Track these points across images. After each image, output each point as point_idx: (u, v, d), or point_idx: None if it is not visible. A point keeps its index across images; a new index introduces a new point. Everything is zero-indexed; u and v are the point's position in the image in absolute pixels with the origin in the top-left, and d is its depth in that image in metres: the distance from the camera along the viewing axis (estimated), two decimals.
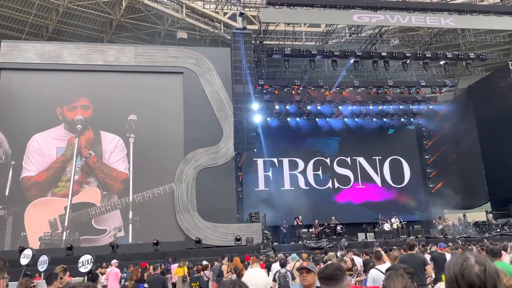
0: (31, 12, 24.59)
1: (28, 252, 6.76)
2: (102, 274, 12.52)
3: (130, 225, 21.19)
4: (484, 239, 17.70)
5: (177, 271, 12.40)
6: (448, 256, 8.83)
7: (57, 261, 10.79)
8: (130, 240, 20.89)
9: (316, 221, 22.79)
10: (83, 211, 20.88)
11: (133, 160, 22.04)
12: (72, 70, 22.17)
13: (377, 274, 6.20)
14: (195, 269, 11.75)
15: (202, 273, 11.67)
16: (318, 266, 8.65)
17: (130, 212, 21.30)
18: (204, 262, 13.54)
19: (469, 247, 13.65)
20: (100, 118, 22.17)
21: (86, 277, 6.45)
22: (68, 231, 20.40)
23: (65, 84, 22.04)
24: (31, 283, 8.22)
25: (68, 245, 18.24)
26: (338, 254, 13.36)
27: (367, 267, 8.98)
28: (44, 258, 7.37)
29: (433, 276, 8.57)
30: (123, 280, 11.48)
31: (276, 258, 10.27)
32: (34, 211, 20.41)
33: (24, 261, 6.69)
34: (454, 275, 1.57)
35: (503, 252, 9.62)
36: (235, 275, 9.73)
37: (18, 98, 21.41)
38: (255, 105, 23.62)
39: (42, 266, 7.31)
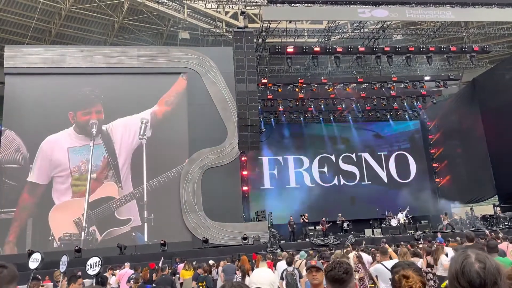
0: (34, 16, 24.70)
1: (37, 256, 6.81)
2: (113, 275, 12.56)
3: (146, 224, 21.42)
4: (492, 233, 17.59)
5: (184, 273, 12.40)
6: (448, 251, 8.78)
7: None
8: (146, 239, 21.16)
9: (323, 218, 22.75)
10: (105, 206, 21.35)
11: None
12: (76, 73, 22.29)
13: (381, 270, 6.18)
14: (201, 269, 11.75)
15: (213, 272, 11.71)
16: (325, 263, 8.65)
17: (145, 212, 21.53)
18: (211, 262, 13.58)
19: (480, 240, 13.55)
20: (110, 121, 22.51)
21: (95, 280, 6.49)
22: (86, 231, 20.77)
23: (69, 88, 22.17)
24: (40, 286, 8.29)
25: (76, 247, 18.33)
26: (344, 250, 13.33)
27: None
28: (64, 259, 7.49)
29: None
30: (132, 281, 11.51)
31: (281, 256, 10.27)
32: (57, 213, 20.84)
33: (33, 265, 6.74)
34: (455, 272, 1.57)
35: (505, 243, 9.57)
36: (240, 274, 9.77)
37: (24, 104, 21.55)
38: (259, 104, 23.60)
39: (62, 267, 7.44)
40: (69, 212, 20.92)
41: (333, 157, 28.14)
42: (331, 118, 28.05)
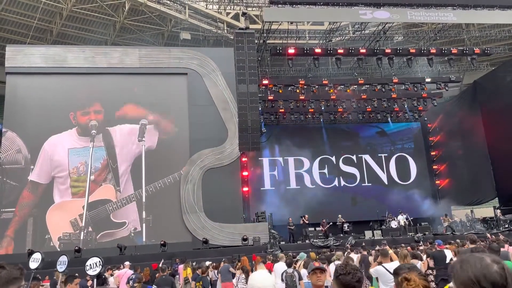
0: (35, 16, 24.73)
1: (37, 256, 6.80)
2: (111, 275, 12.53)
3: (144, 225, 21.40)
4: (492, 235, 17.57)
5: (183, 272, 12.45)
6: (447, 253, 8.76)
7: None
8: (144, 239, 21.13)
9: (324, 220, 22.72)
10: (101, 208, 21.35)
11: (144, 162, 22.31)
12: (77, 73, 22.29)
13: (382, 272, 6.15)
14: (199, 271, 11.78)
15: (211, 273, 11.71)
16: (325, 264, 8.65)
17: (144, 212, 21.52)
18: (207, 263, 13.59)
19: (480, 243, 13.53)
20: (111, 123, 22.44)
21: (96, 280, 6.48)
22: (85, 231, 20.76)
23: (71, 88, 22.17)
24: (40, 286, 8.29)
25: (76, 248, 18.32)
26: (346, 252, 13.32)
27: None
28: (63, 259, 7.39)
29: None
30: (131, 282, 11.50)
31: (279, 258, 10.27)
32: (55, 213, 20.83)
33: (33, 265, 6.73)
34: (475, 277, 1.54)
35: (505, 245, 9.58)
36: (243, 275, 9.77)
37: (25, 103, 21.54)
38: (259, 105, 23.60)
39: (61, 267, 7.32)
40: (65, 213, 20.89)
41: (333, 159, 28.13)
42: (332, 119, 28.05)
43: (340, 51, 22.88)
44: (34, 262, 6.71)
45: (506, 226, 21.42)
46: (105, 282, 6.54)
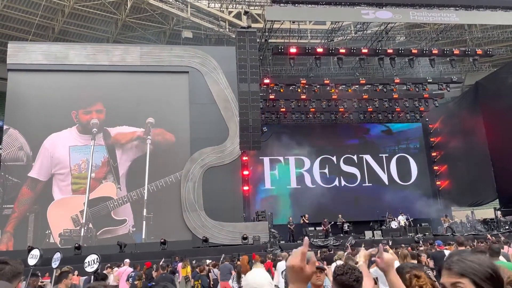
0: (37, 13, 24.75)
1: (35, 253, 6.79)
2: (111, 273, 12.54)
3: (144, 223, 21.44)
4: (493, 236, 17.53)
5: (182, 271, 12.46)
6: (447, 254, 8.72)
7: (65, 260, 10.84)
8: (143, 237, 21.15)
9: (325, 219, 22.67)
10: (102, 205, 21.39)
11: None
12: (79, 70, 22.28)
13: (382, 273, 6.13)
14: (198, 269, 11.78)
15: (211, 272, 11.72)
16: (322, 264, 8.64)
17: (145, 210, 21.55)
18: (207, 261, 13.60)
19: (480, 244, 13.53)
20: (113, 121, 22.44)
21: (93, 277, 6.48)
22: (86, 228, 20.83)
23: (72, 85, 22.17)
24: (39, 282, 8.29)
25: (76, 245, 18.36)
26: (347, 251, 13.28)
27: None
28: (57, 256, 7.49)
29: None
30: (131, 279, 11.51)
31: (281, 256, 10.27)
32: (56, 209, 20.89)
33: (31, 261, 6.72)
34: (494, 271, 1.53)
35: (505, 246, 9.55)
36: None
37: (26, 100, 21.55)
38: (261, 104, 23.56)
39: (55, 263, 7.43)
40: (67, 209, 20.97)
41: (334, 158, 28.08)
42: (333, 119, 28.00)
43: (342, 50, 22.83)
44: (33, 258, 6.71)
45: (507, 227, 21.38)
46: (105, 279, 6.65)
